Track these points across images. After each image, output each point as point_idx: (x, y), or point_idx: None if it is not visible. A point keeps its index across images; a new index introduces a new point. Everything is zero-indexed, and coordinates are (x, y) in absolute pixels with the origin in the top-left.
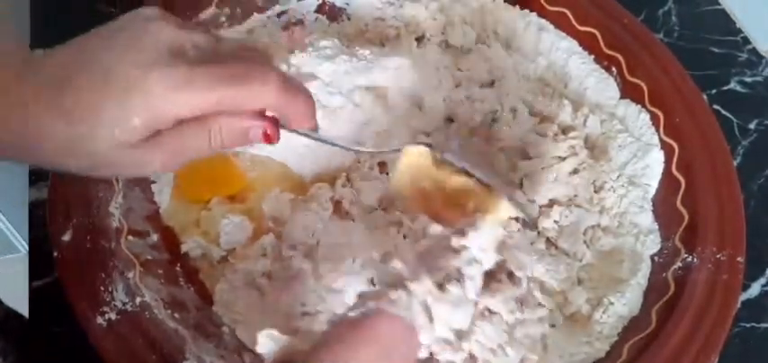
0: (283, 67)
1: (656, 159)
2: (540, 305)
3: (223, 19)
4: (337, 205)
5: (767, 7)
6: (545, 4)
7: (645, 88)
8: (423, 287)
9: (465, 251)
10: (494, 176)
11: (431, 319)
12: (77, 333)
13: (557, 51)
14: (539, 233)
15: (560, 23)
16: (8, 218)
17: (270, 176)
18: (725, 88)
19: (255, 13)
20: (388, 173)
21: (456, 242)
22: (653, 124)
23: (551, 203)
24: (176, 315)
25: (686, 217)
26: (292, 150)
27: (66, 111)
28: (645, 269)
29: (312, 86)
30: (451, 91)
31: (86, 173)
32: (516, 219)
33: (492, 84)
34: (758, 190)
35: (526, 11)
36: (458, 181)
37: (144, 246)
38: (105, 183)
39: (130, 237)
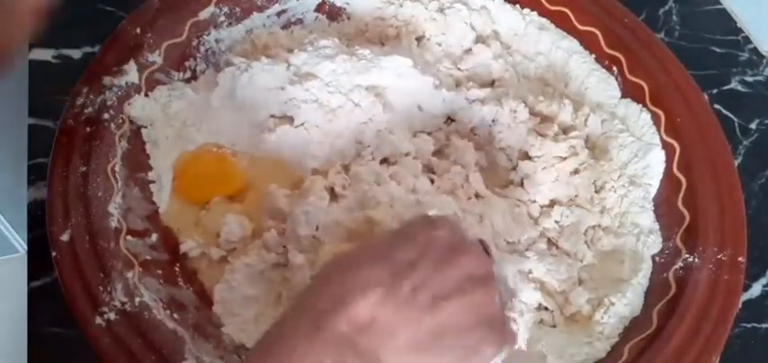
0: (283, 66)
1: (657, 159)
2: None
3: (222, 18)
4: (332, 192)
5: (767, 7)
6: (546, 4)
7: (646, 88)
8: None
9: None
10: None
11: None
12: (76, 333)
13: (557, 51)
14: (540, 233)
15: (561, 23)
16: (7, 218)
17: (268, 174)
18: (726, 88)
19: (255, 13)
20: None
21: None
22: (654, 124)
23: (552, 203)
24: (175, 316)
25: (687, 217)
26: (291, 147)
27: None
28: (646, 269)
29: (312, 86)
30: (451, 91)
31: None
32: None
33: (492, 84)
34: (759, 190)
35: (526, 10)
36: None
37: (143, 246)
38: (104, 183)
39: (129, 237)
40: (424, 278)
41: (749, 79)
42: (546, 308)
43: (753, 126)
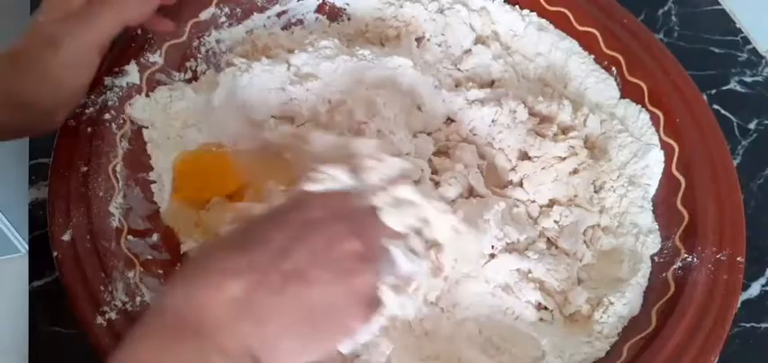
0: (283, 67)
1: (656, 159)
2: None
3: (223, 19)
4: None
5: (767, 7)
6: (545, 5)
7: (645, 88)
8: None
9: None
10: None
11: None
12: (77, 333)
13: (557, 51)
14: (540, 233)
15: (560, 23)
16: (8, 218)
17: (268, 174)
18: (725, 88)
19: (255, 13)
20: None
21: None
22: (653, 124)
23: (551, 203)
24: None
25: (686, 217)
26: (293, 148)
27: None
28: (645, 269)
29: (313, 86)
30: (451, 91)
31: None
32: None
33: (492, 84)
34: (758, 190)
35: (526, 11)
36: None
37: (144, 246)
38: (106, 183)
39: (130, 237)
40: (295, 264)
41: (748, 79)
42: (545, 308)
43: (752, 126)
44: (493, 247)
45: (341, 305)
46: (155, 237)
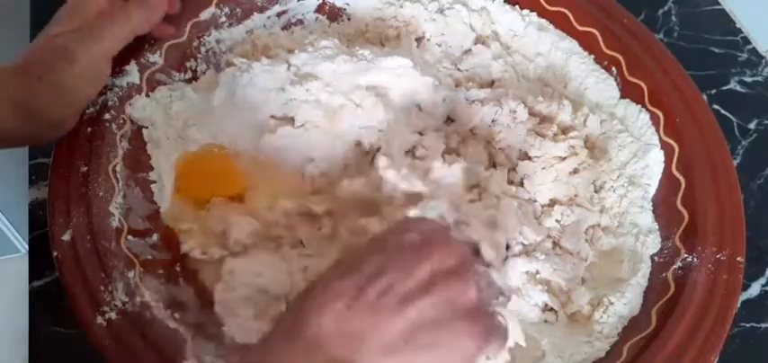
0: (283, 67)
1: (656, 159)
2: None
3: (223, 19)
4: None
5: (767, 7)
6: (545, 5)
7: (645, 88)
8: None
9: None
10: None
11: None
12: (77, 333)
13: (557, 51)
14: (549, 235)
15: (560, 23)
16: (8, 218)
17: (269, 175)
18: (725, 88)
19: (255, 13)
20: None
21: None
22: (653, 124)
23: (552, 203)
24: (176, 315)
25: (686, 217)
26: (292, 148)
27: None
28: (645, 268)
29: (313, 87)
30: (451, 91)
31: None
32: None
33: (492, 84)
34: (758, 190)
35: (526, 11)
36: None
37: (144, 246)
38: (106, 183)
39: (130, 237)
40: (390, 281)
41: (748, 79)
42: (551, 309)
43: (751, 126)
44: (509, 248)
45: (445, 320)
46: (155, 237)
